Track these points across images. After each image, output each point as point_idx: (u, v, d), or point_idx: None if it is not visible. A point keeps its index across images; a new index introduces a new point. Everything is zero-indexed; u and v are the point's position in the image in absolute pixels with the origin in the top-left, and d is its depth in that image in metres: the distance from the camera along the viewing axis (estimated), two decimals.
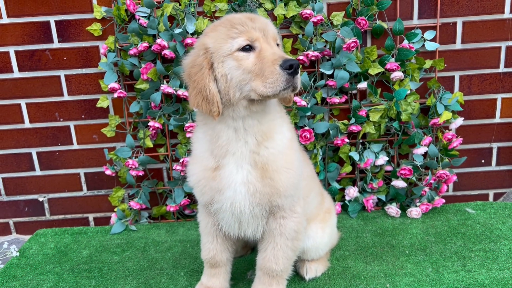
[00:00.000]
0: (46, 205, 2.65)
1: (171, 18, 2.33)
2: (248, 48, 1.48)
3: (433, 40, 2.37)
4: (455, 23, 2.40)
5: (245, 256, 2.16)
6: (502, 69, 2.46)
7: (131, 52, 2.30)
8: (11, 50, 2.42)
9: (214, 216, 1.72)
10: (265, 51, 1.47)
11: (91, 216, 2.67)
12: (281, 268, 1.71)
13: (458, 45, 2.42)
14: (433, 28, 2.37)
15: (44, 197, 2.65)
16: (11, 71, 2.45)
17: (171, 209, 2.46)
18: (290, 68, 1.42)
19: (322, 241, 1.91)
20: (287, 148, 1.63)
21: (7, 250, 2.34)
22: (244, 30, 1.48)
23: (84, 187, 2.63)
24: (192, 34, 2.27)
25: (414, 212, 2.41)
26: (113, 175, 2.49)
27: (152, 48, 2.27)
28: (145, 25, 2.27)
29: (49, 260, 2.24)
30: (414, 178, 2.43)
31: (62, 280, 2.04)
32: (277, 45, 1.56)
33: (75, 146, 2.56)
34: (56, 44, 2.41)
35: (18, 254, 2.30)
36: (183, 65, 1.58)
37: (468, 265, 1.96)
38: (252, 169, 1.58)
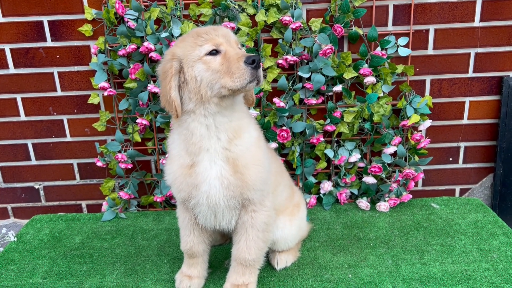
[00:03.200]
0: (41, 192, 2.84)
1: (158, 21, 2.46)
2: (214, 53, 1.67)
3: (406, 46, 2.50)
4: (427, 30, 2.53)
5: (223, 245, 2.35)
6: (470, 74, 2.61)
7: (120, 53, 2.44)
8: (7, 47, 2.55)
9: (191, 211, 1.90)
10: (229, 52, 1.67)
11: (83, 203, 2.86)
12: (253, 258, 1.89)
13: (430, 51, 2.57)
14: (407, 34, 2.51)
15: (40, 184, 2.83)
16: (7, 67, 2.59)
17: (158, 200, 2.64)
18: (253, 63, 1.61)
19: (290, 233, 2.09)
20: (254, 146, 1.81)
21: (6, 235, 2.53)
22: (209, 38, 1.68)
23: (77, 176, 2.81)
24: (178, 38, 2.40)
25: (383, 206, 2.60)
26: (104, 166, 2.67)
27: (140, 49, 2.41)
28: (133, 27, 2.40)
29: (44, 245, 2.43)
30: (383, 175, 2.62)
31: (56, 265, 2.24)
32: (239, 48, 1.75)
33: (68, 138, 2.73)
34: (49, 43, 2.55)
35: (15, 239, 2.49)
36: (157, 70, 1.77)
37: (424, 258, 2.16)
38: (224, 164, 1.76)
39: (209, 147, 1.75)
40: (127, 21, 2.40)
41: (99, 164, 2.63)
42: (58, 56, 2.57)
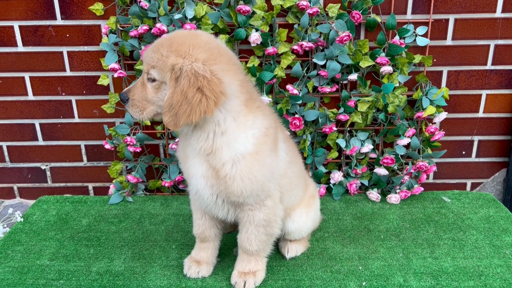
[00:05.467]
0: (48, 173, 2.81)
1: (171, 2, 2.39)
2: None
3: (425, 35, 2.44)
4: (447, 20, 2.46)
5: (233, 233, 2.32)
6: (489, 66, 2.55)
7: (132, 33, 2.38)
8: (16, 24, 2.49)
9: None
10: None
11: (90, 185, 2.84)
12: (255, 249, 1.86)
13: (449, 41, 2.50)
14: (426, 23, 2.44)
15: (47, 165, 2.80)
16: (16, 45, 2.53)
17: (166, 185, 2.61)
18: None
19: (305, 225, 2.07)
20: (246, 159, 1.68)
21: (12, 215, 2.51)
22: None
23: (85, 158, 2.77)
24: (191, 20, 2.34)
25: (394, 198, 2.56)
26: (112, 149, 2.63)
27: (152, 31, 2.35)
28: (146, 8, 2.33)
29: (51, 227, 2.41)
30: (395, 167, 2.58)
31: (63, 247, 2.22)
32: (149, 78, 1.66)
33: (76, 119, 2.68)
34: (59, 21, 2.49)
35: (22, 219, 2.47)
36: None
37: (436, 253, 2.13)
38: (209, 167, 1.71)
39: (193, 151, 1.72)
40: (140, 1, 2.34)
41: (107, 146, 2.59)
42: (67, 35, 2.51)
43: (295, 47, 2.40)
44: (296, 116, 2.47)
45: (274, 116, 1.85)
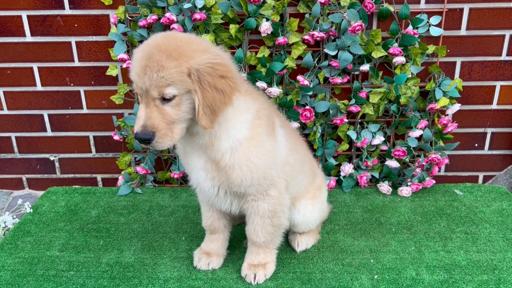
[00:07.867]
0: (56, 164, 2.80)
1: None
2: None
3: (439, 25, 2.39)
4: (461, 9, 2.41)
5: (242, 224, 2.29)
6: (504, 57, 2.49)
7: (141, 23, 2.35)
8: (24, 14, 2.47)
9: None
10: (138, 112, 1.55)
11: (99, 177, 2.83)
12: (263, 241, 1.85)
13: (463, 31, 2.45)
14: (440, 13, 2.39)
15: (55, 156, 2.79)
16: (24, 35, 2.51)
17: (175, 176, 2.60)
18: (136, 138, 1.53)
19: (312, 216, 2.04)
20: (243, 146, 1.67)
21: (22, 206, 2.51)
22: (135, 80, 1.54)
23: (93, 149, 2.76)
24: (201, 9, 2.31)
25: (405, 191, 2.53)
26: (121, 140, 2.62)
27: (161, 21, 2.32)
28: None
29: (60, 218, 2.41)
30: (407, 159, 2.55)
31: (72, 238, 2.22)
32: (165, 99, 1.51)
33: (85, 110, 2.67)
34: (67, 11, 2.46)
35: (31, 210, 2.46)
36: None
37: (448, 246, 2.11)
38: (208, 160, 1.70)
39: (193, 145, 1.71)
40: None
41: (116, 138, 2.58)
42: (76, 25, 2.48)
43: (306, 37, 2.36)
44: (307, 107, 2.44)
45: (264, 98, 1.82)
